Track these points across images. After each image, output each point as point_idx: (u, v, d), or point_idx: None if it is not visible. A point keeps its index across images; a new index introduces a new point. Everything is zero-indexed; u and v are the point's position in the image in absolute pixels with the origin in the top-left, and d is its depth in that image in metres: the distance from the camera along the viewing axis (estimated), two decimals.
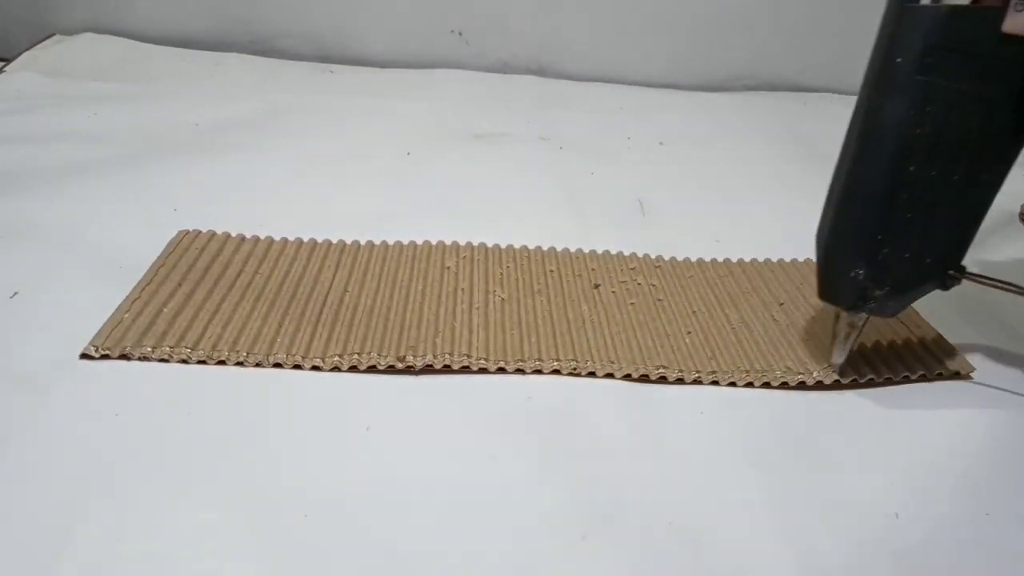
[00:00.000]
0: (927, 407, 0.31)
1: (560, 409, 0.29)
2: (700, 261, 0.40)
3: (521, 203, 0.45)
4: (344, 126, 0.54)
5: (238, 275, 0.35)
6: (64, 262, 0.35)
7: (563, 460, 0.27)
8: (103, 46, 0.64)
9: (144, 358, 0.30)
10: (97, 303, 0.33)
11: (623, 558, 0.24)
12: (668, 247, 0.40)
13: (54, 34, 0.66)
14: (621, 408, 0.30)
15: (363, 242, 0.39)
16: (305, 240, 0.38)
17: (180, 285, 0.34)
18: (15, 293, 0.33)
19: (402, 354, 0.31)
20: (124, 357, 0.30)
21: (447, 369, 0.31)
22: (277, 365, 0.30)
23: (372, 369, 0.30)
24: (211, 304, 0.33)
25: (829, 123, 0.62)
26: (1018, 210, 0.48)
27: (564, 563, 0.23)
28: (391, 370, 0.30)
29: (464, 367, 0.31)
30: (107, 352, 0.30)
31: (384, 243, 0.39)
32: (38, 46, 0.63)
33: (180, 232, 0.38)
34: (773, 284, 0.38)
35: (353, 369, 0.30)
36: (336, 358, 0.31)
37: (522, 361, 0.31)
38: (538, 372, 0.31)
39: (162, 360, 0.30)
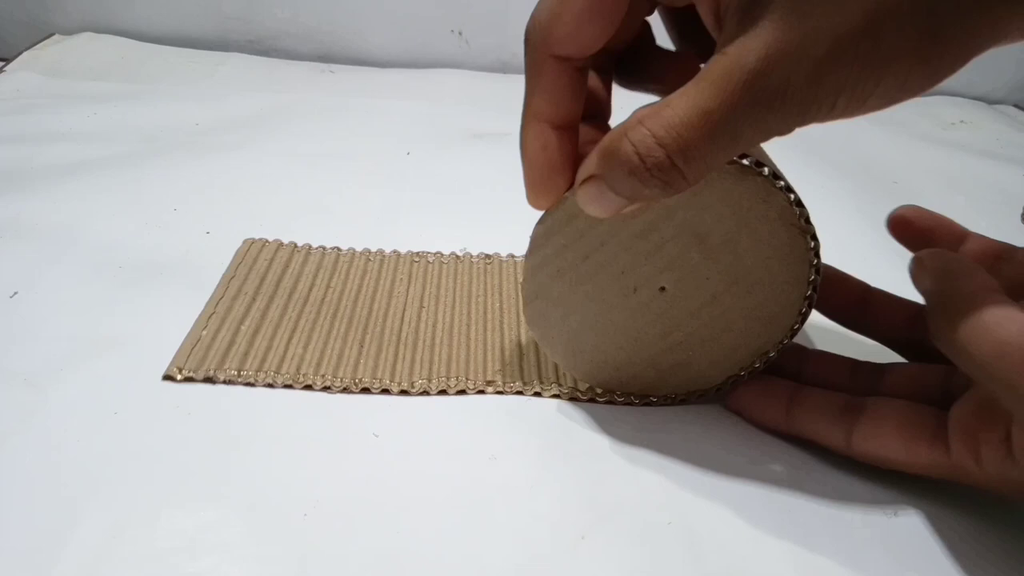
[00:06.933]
0: None
1: (560, 408, 0.29)
2: None
3: (521, 202, 0.45)
4: (344, 126, 0.54)
5: (310, 289, 0.34)
6: (64, 262, 0.35)
7: (563, 460, 0.27)
8: (103, 46, 0.64)
9: (229, 382, 0.29)
10: (97, 303, 0.33)
11: (623, 557, 0.24)
12: None
13: (53, 34, 0.66)
14: (622, 407, 0.30)
15: (432, 252, 0.38)
16: (373, 250, 0.38)
17: (255, 300, 0.33)
18: (15, 293, 0.33)
19: (491, 378, 0.30)
20: (208, 380, 0.29)
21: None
22: (365, 390, 0.29)
23: (461, 393, 0.29)
24: (288, 322, 0.32)
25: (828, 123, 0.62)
26: (1019, 211, 0.48)
27: (564, 563, 0.23)
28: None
29: (535, 393, 0.29)
30: (191, 375, 0.28)
31: (453, 254, 0.38)
32: (37, 46, 0.63)
33: (246, 241, 0.37)
34: None
35: (442, 393, 0.29)
36: (423, 382, 0.29)
37: (594, 392, 0.29)
38: (610, 403, 0.29)
39: (247, 384, 0.29)
